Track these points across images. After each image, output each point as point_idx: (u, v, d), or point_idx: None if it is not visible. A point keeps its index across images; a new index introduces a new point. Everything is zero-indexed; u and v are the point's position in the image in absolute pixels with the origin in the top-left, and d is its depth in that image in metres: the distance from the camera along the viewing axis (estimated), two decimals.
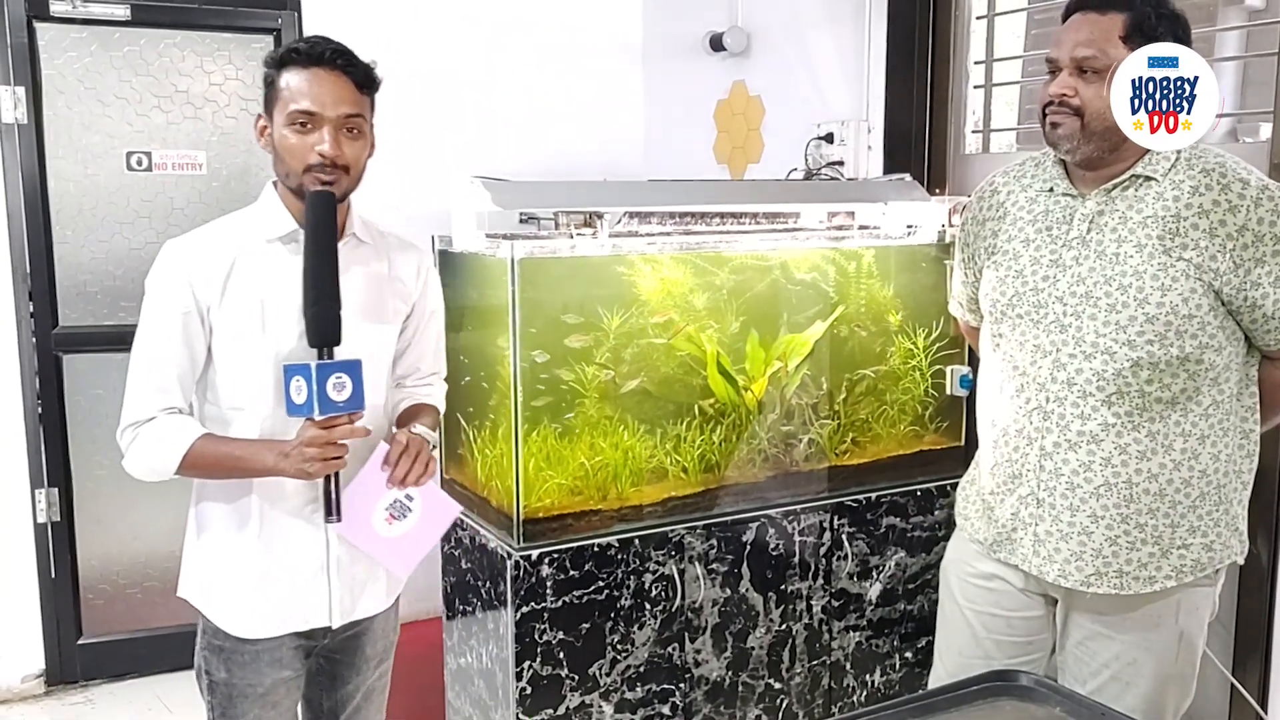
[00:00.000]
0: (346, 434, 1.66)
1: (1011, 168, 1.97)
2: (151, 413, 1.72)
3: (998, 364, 1.90)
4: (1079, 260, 1.77)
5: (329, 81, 1.69)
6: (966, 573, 1.99)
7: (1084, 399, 1.75)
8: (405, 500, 1.77)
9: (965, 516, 2.01)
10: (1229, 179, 1.68)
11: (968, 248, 2.02)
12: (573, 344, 2.37)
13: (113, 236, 3.32)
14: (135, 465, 1.75)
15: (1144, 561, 1.77)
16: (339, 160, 1.70)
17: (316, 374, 1.62)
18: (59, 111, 3.22)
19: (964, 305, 2.12)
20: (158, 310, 1.73)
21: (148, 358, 1.74)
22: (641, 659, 2.45)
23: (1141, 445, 1.74)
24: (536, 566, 2.32)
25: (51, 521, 3.32)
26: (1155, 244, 1.70)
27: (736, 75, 3.63)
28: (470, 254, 2.44)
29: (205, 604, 1.85)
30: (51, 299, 3.28)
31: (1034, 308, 1.81)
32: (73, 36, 3.21)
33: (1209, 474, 1.76)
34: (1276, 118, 2.22)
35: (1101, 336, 1.73)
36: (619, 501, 2.47)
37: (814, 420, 2.72)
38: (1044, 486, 1.81)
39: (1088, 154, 1.74)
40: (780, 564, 2.59)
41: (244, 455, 1.71)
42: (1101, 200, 1.77)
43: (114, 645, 3.45)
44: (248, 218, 1.80)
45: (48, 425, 3.30)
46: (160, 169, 3.35)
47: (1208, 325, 1.70)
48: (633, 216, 2.54)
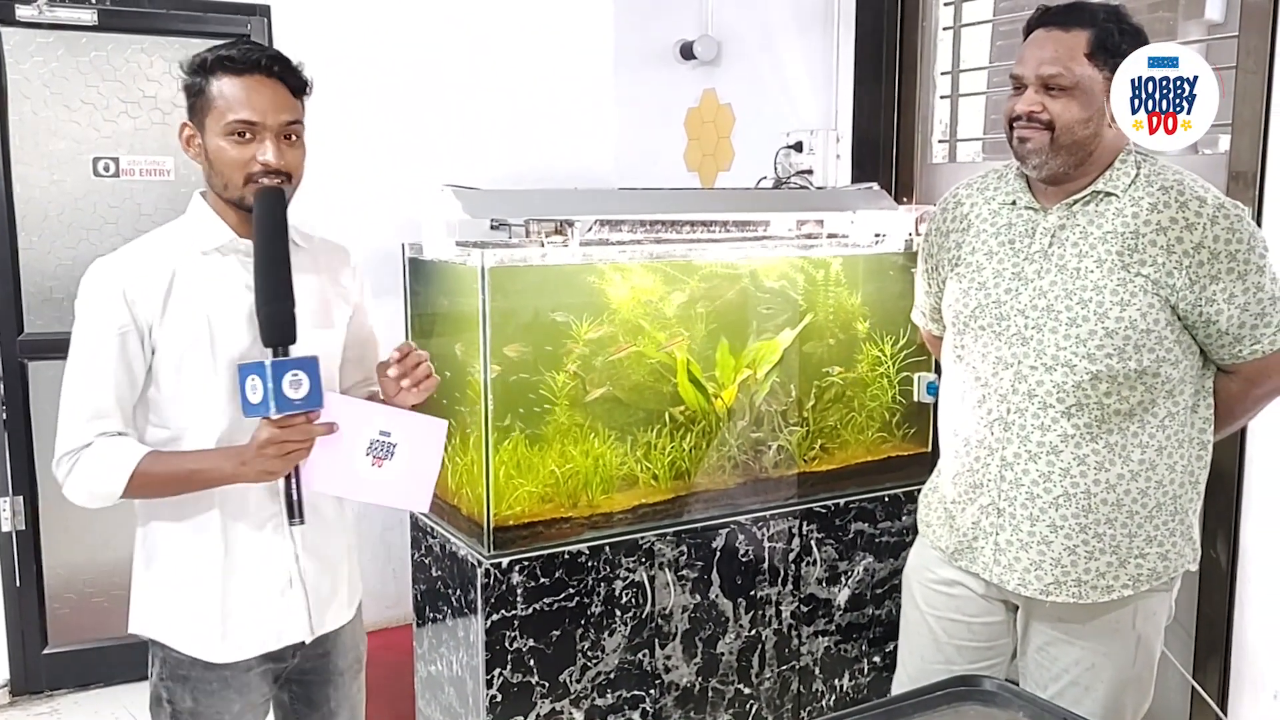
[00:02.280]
0: (304, 433, 1.60)
1: (975, 180, 1.98)
2: (89, 438, 1.64)
3: (960, 374, 1.92)
4: (1041, 274, 1.79)
5: (267, 89, 1.64)
6: (928, 579, 2.01)
7: (1044, 411, 1.77)
8: (383, 437, 1.69)
9: (927, 524, 2.03)
10: (1186, 196, 1.71)
11: (931, 258, 2.03)
12: (510, 354, 2.36)
13: (79, 243, 3.30)
14: (76, 492, 1.67)
15: (1102, 571, 1.79)
16: (282, 168, 1.65)
17: (272, 372, 1.56)
18: (25, 117, 3.19)
19: (927, 315, 2.13)
20: (92, 331, 1.65)
21: (82, 382, 1.65)
22: (612, 665, 2.46)
23: (1100, 456, 1.76)
24: (507, 574, 2.32)
25: (16, 530, 3.29)
26: (1115, 260, 1.73)
27: (707, 83, 3.65)
28: (440, 262, 2.44)
29: (166, 633, 1.76)
30: (17, 305, 3.25)
31: (996, 320, 1.83)
32: (39, 41, 3.18)
33: (1165, 484, 1.79)
34: (1234, 130, 2.26)
35: (1062, 350, 1.75)
36: (589, 509, 2.48)
37: (783, 427, 2.74)
38: (1004, 496, 1.83)
39: (1055, 169, 1.76)
40: (750, 570, 2.61)
41: (200, 467, 1.64)
42: (1063, 215, 1.79)
43: (80, 654, 3.41)
44: (179, 231, 1.74)
45: (12, 433, 3.26)
46: (128, 174, 3.33)
47: (1165, 339, 1.72)
48: (603, 224, 2.55)
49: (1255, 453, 2.25)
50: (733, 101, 3.57)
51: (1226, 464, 2.28)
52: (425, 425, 1.75)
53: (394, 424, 1.71)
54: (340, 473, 1.68)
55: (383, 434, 1.70)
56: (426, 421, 1.75)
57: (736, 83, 3.55)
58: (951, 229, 1.97)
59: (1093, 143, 1.75)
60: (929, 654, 2.01)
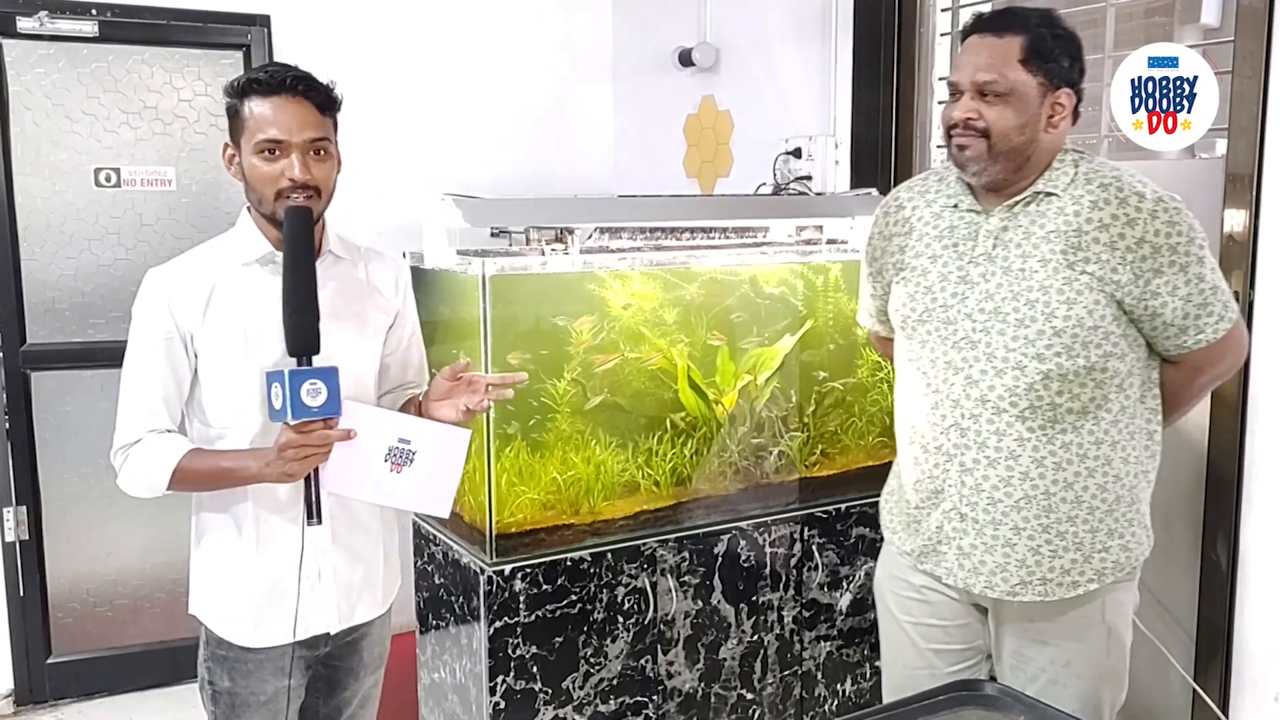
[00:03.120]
0: (321, 438, 1.69)
1: (915, 183, 1.99)
2: (139, 434, 1.77)
3: (912, 379, 1.92)
4: (986, 276, 1.80)
5: (292, 108, 1.73)
6: (899, 587, 2.01)
7: (998, 415, 1.78)
8: (402, 445, 1.78)
9: (891, 529, 2.03)
10: (1126, 193, 1.73)
11: (875, 262, 2.03)
12: (513, 361, 2.37)
13: (81, 253, 3.31)
14: (129, 484, 1.79)
15: (1066, 568, 1.80)
16: (310, 183, 1.74)
17: (290, 380, 1.65)
18: (26, 128, 3.21)
19: (874, 317, 2.13)
20: (142, 336, 1.78)
21: (134, 382, 1.79)
22: (614, 672, 2.47)
23: (1057, 456, 1.77)
24: (509, 581, 2.33)
25: (20, 540, 3.30)
26: (1059, 258, 1.74)
27: (705, 90, 3.66)
28: (442, 271, 2.45)
29: (208, 615, 1.88)
30: (19, 316, 3.26)
31: (944, 324, 1.83)
32: (40, 53, 3.20)
33: (1121, 478, 1.80)
34: (1231, 134, 2.27)
35: (1011, 351, 1.76)
36: (591, 516, 2.49)
37: (784, 432, 2.75)
38: (966, 501, 1.83)
39: (994, 175, 1.78)
40: (751, 575, 2.62)
41: (230, 466, 1.75)
42: (1005, 216, 1.80)
43: (83, 664, 3.42)
44: (225, 243, 1.85)
45: (16, 443, 3.27)
46: (129, 185, 3.34)
47: (1111, 335, 1.74)
48: (603, 232, 2.56)
49: (1256, 454, 2.26)
50: (731, 108, 3.58)
51: (1226, 466, 2.29)
52: (447, 435, 1.83)
53: (415, 433, 1.79)
54: (358, 477, 1.77)
55: (402, 441, 1.78)
56: (448, 431, 1.83)
57: (735, 89, 3.56)
58: (894, 232, 1.97)
59: (1029, 148, 1.76)
60: (910, 661, 2.02)
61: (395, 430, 1.78)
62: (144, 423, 1.78)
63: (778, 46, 3.38)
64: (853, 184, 3.11)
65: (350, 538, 1.90)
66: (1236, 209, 2.22)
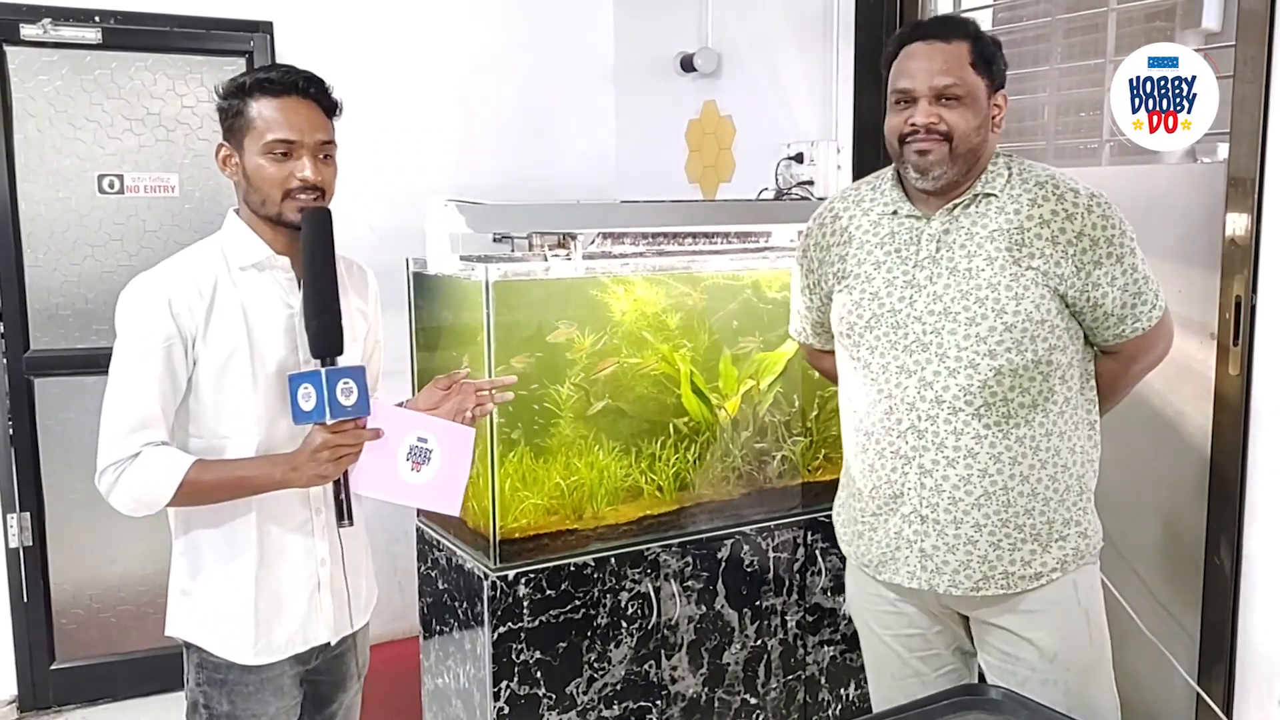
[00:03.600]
0: (355, 437, 1.69)
1: (848, 192, 2.02)
2: (135, 449, 1.68)
3: (860, 387, 1.92)
4: (933, 279, 1.82)
5: (304, 110, 1.72)
6: (872, 602, 2.00)
7: (955, 414, 1.80)
8: (421, 444, 1.80)
9: (846, 541, 2.03)
10: (1061, 190, 1.79)
11: (812, 274, 2.04)
12: (517, 365, 2.38)
13: (84, 259, 3.31)
14: (123, 502, 1.70)
15: (1027, 560, 1.83)
16: (319, 184, 1.73)
17: (326, 380, 1.64)
18: (29, 135, 3.21)
19: (809, 330, 2.14)
20: (138, 343, 1.70)
21: (128, 393, 1.70)
22: (618, 677, 2.47)
23: (1013, 451, 1.80)
24: (513, 586, 2.33)
25: (24, 546, 3.30)
26: (1005, 256, 1.78)
27: (707, 95, 3.67)
28: (445, 276, 2.46)
29: (204, 637, 1.80)
30: (22, 322, 3.26)
31: (893, 329, 1.85)
32: (43, 60, 3.21)
33: (1070, 467, 1.85)
34: (1233, 138, 2.27)
35: (964, 350, 1.79)
36: (594, 521, 2.49)
37: (786, 437, 2.75)
38: (926, 503, 1.84)
39: (953, 177, 1.80)
40: (755, 580, 2.62)
41: (248, 474, 1.71)
42: (946, 220, 1.83)
43: (87, 670, 3.42)
44: (216, 247, 1.79)
45: (19, 449, 3.28)
46: (132, 191, 3.35)
47: (1056, 328, 1.79)
48: (606, 237, 2.57)
49: (1259, 457, 2.26)
50: (733, 113, 3.58)
51: (1229, 469, 2.29)
52: (456, 433, 1.85)
53: (429, 431, 1.81)
54: (384, 477, 1.78)
55: (421, 440, 1.80)
56: (457, 430, 1.86)
57: (737, 94, 3.57)
58: (832, 243, 1.98)
59: (982, 148, 1.81)
60: (897, 671, 2.01)
61: (415, 429, 1.80)
62: (140, 436, 1.68)
63: (779, 52, 3.39)
64: None
65: (346, 545, 1.88)
66: (1238, 213, 2.22)
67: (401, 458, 1.78)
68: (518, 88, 3.90)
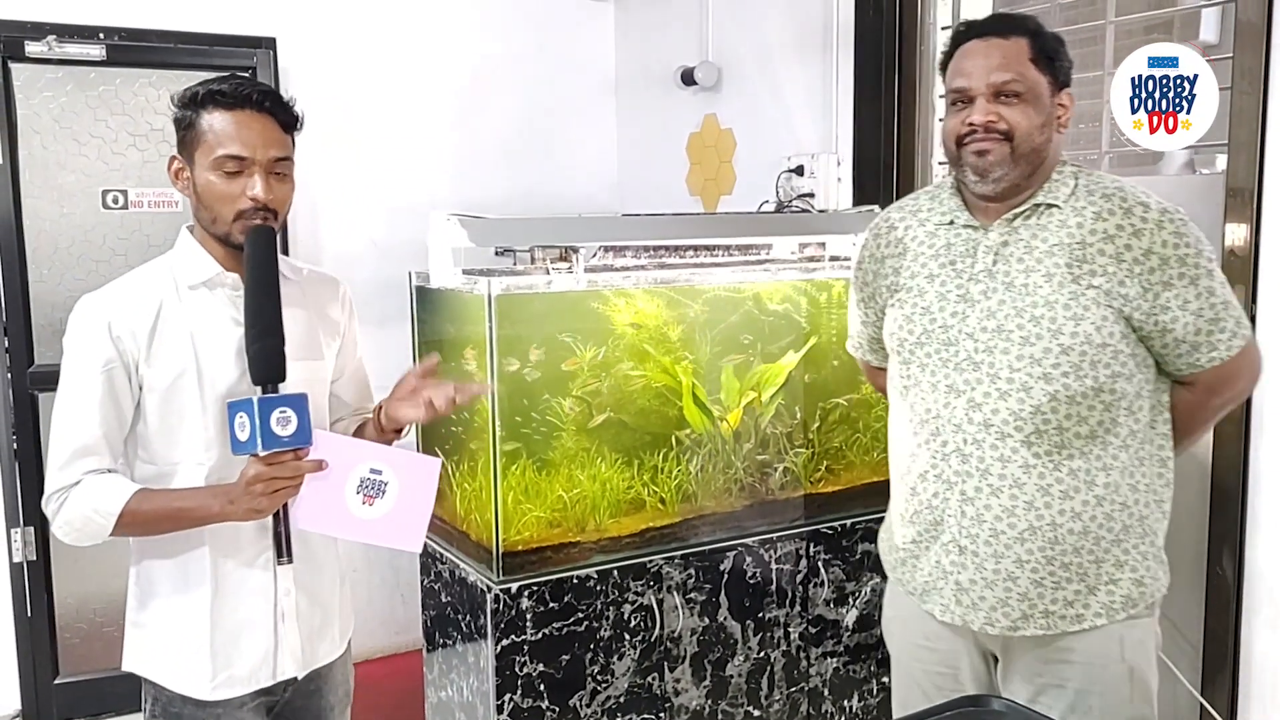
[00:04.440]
0: (293, 470, 1.59)
1: (905, 203, 1.93)
2: (76, 476, 1.63)
3: (909, 406, 1.84)
4: (987, 294, 1.73)
5: (258, 124, 1.64)
6: (908, 632, 1.92)
7: (1002, 440, 1.70)
8: (374, 476, 1.68)
9: (891, 566, 1.94)
10: (1130, 203, 1.68)
11: (866, 287, 1.96)
12: (533, 357, 2.39)
13: (89, 274, 3.32)
14: (65, 531, 1.65)
15: (1070, 600, 1.71)
16: (270, 204, 1.64)
17: (259, 409, 1.55)
18: (34, 151, 3.23)
19: (865, 346, 2.06)
20: (79, 368, 1.64)
21: (70, 419, 1.64)
22: (621, 689, 2.47)
23: (1064, 484, 1.69)
24: (516, 599, 2.33)
25: (27, 560, 3.31)
26: (1064, 272, 1.67)
27: (708, 109, 3.69)
28: (447, 290, 2.47)
29: (159, 671, 1.74)
30: (27, 337, 3.28)
31: (944, 345, 1.76)
32: (48, 77, 3.23)
33: (1130, 506, 1.72)
34: (1231, 149, 2.28)
35: (1016, 371, 1.68)
36: (597, 533, 2.49)
37: (789, 449, 2.75)
38: (965, 534, 1.74)
39: (1014, 180, 1.70)
40: (758, 592, 2.62)
41: (187, 505, 1.62)
42: (1004, 231, 1.74)
43: (91, 684, 3.42)
44: (167, 266, 1.73)
45: (23, 463, 3.28)
46: (136, 206, 3.37)
47: (1120, 353, 1.67)
48: (607, 250, 2.58)
49: (1261, 467, 2.26)
50: (734, 126, 3.60)
51: (1231, 479, 2.29)
52: (418, 464, 1.73)
53: (386, 462, 1.69)
54: (330, 511, 1.67)
55: (374, 472, 1.68)
56: (420, 460, 1.74)
57: (737, 108, 3.59)
58: (887, 254, 1.89)
59: (1045, 150, 1.71)
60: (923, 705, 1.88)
61: (367, 460, 1.68)
62: (81, 464, 1.62)
63: (779, 65, 3.40)
64: (855, 201, 3.12)
65: (310, 578, 1.80)
66: (1237, 223, 2.23)
67: (350, 491, 1.67)
68: (519, 102, 3.92)
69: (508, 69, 3.89)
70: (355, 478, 1.68)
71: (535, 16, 3.93)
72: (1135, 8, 2.64)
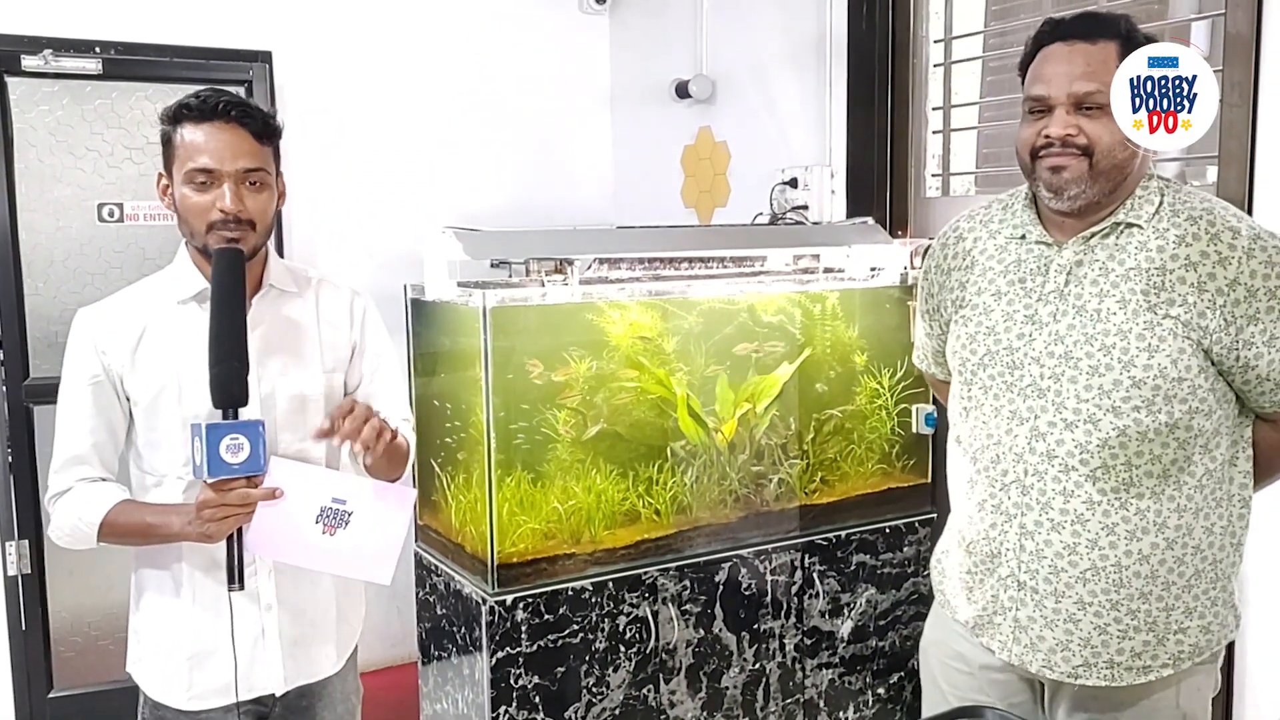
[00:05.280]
0: (241, 498, 1.57)
1: (977, 212, 1.80)
2: (68, 484, 1.69)
3: (970, 430, 1.72)
4: (1056, 316, 1.60)
5: (225, 135, 1.63)
6: (947, 655, 1.82)
7: (1066, 474, 1.58)
8: (337, 505, 1.64)
9: (943, 592, 1.83)
10: (1218, 228, 1.53)
11: (932, 299, 1.83)
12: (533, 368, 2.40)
13: (84, 287, 3.33)
14: (58, 535, 1.70)
15: (1138, 651, 1.60)
16: (242, 215, 1.63)
17: (207, 435, 1.53)
18: (30, 165, 3.23)
19: (930, 359, 1.95)
20: (70, 380, 1.70)
21: (63, 428, 1.70)
22: (616, 701, 2.47)
23: (1131, 525, 1.57)
24: (511, 611, 2.33)
25: (22, 574, 3.30)
26: (1140, 300, 1.54)
27: (702, 121, 3.70)
28: (443, 303, 2.47)
29: (144, 677, 1.78)
30: (22, 350, 3.27)
31: (1008, 369, 1.64)
32: (44, 91, 3.23)
33: (1203, 549, 1.59)
34: (1221, 161, 2.30)
35: (1084, 402, 1.56)
36: (592, 545, 2.50)
37: (783, 460, 2.76)
38: (1025, 569, 1.63)
39: (1092, 197, 1.56)
40: (753, 603, 2.62)
41: (154, 522, 1.65)
42: (1080, 249, 1.61)
43: (86, 698, 3.40)
44: (160, 281, 1.75)
45: (18, 476, 3.28)
46: (132, 219, 3.37)
47: (1198, 389, 1.54)
48: (602, 263, 2.59)
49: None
50: (728, 139, 3.61)
51: None
52: (389, 494, 1.69)
53: (352, 492, 1.66)
54: (285, 540, 1.64)
55: (336, 501, 1.65)
56: (391, 490, 1.70)
57: (732, 120, 3.60)
58: (953, 267, 1.77)
59: (1129, 165, 1.56)
60: None
61: (329, 490, 1.65)
62: (73, 472, 1.68)
63: (773, 78, 3.42)
64: (849, 213, 3.13)
65: (296, 595, 1.78)
66: None
67: (309, 520, 1.63)
68: (515, 115, 3.93)
69: (503, 82, 3.90)
70: (315, 507, 1.64)
71: (530, 30, 3.95)
72: None
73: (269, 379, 1.72)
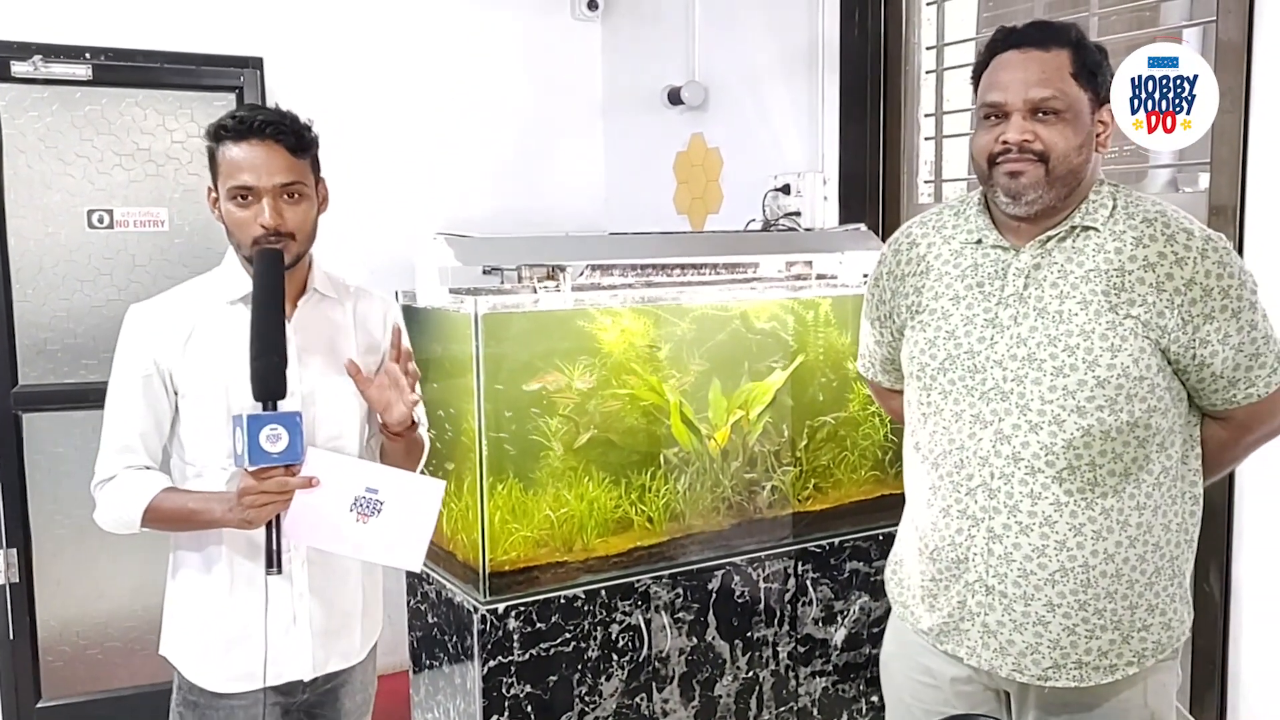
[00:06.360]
0: (280, 485, 1.65)
1: (929, 217, 1.81)
2: (115, 470, 1.77)
3: (929, 435, 1.72)
4: (1017, 319, 1.62)
5: (261, 152, 1.71)
6: (911, 669, 1.80)
7: (1033, 475, 1.59)
8: (370, 495, 1.73)
9: (902, 604, 1.82)
10: (1173, 229, 1.57)
11: (884, 305, 1.83)
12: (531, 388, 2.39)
13: (74, 294, 3.31)
14: (104, 519, 1.78)
15: (1104, 650, 1.62)
16: (281, 229, 1.72)
17: (248, 425, 1.62)
18: (19, 171, 3.22)
19: (877, 366, 1.95)
20: (121, 372, 1.78)
21: (112, 418, 1.79)
22: (609, 710, 2.45)
23: (1097, 524, 1.59)
24: (503, 620, 2.32)
25: (10, 582, 3.27)
26: (1101, 300, 1.57)
27: (695, 128, 3.70)
28: (434, 309, 2.46)
29: (179, 658, 1.85)
30: (11, 357, 3.25)
31: (969, 372, 1.65)
32: (34, 97, 3.22)
33: (1162, 546, 1.62)
34: (1213, 168, 2.30)
35: (1048, 404, 1.58)
36: (585, 553, 2.49)
37: (776, 467, 2.75)
38: (993, 573, 1.63)
39: (1049, 202, 1.60)
40: (746, 611, 2.61)
41: (196, 508, 1.73)
42: (1037, 253, 1.63)
43: (74, 708, 3.38)
44: (210, 281, 1.85)
45: (6, 485, 3.25)
46: (122, 226, 3.35)
47: (1156, 387, 1.57)
48: (595, 269, 2.58)
49: (1246, 484, 2.27)
50: (721, 145, 3.61)
51: (1217, 496, 2.30)
52: (419, 485, 1.78)
53: (384, 482, 1.74)
54: (323, 526, 1.72)
55: (370, 491, 1.73)
56: (421, 481, 1.79)
57: (724, 127, 3.60)
58: (907, 272, 1.78)
59: (1083, 170, 1.60)
60: None
61: (363, 479, 1.73)
62: (120, 459, 1.77)
63: (766, 84, 3.42)
64: (841, 219, 3.13)
65: (328, 584, 1.86)
66: None
67: (344, 508, 1.72)
68: (507, 121, 3.93)
69: (495, 88, 3.90)
70: (350, 496, 1.72)
71: (522, 37, 3.95)
72: (1117, 27, 2.66)
73: (310, 378, 1.81)
